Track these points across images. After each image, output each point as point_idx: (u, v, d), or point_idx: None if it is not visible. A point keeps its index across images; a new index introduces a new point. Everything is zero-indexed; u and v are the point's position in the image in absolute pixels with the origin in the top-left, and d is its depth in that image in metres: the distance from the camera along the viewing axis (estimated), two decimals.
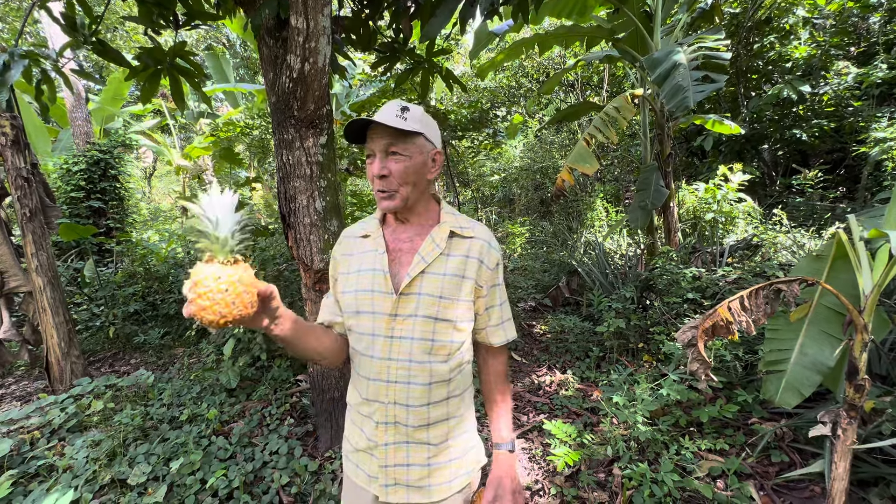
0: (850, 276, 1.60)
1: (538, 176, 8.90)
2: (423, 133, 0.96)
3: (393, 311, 0.96)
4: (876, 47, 5.79)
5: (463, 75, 9.33)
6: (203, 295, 0.68)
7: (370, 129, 0.97)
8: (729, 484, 1.94)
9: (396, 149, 0.94)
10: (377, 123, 0.93)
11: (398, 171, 0.95)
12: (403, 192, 0.97)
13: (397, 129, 0.92)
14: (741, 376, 2.58)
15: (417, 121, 0.95)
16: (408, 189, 0.97)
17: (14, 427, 2.54)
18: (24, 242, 3.09)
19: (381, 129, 0.94)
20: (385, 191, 0.96)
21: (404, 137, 0.94)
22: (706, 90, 3.08)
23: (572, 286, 4.57)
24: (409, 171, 0.96)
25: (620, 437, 2.24)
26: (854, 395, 1.43)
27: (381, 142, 0.95)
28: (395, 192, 0.96)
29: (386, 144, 0.94)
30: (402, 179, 0.95)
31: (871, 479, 1.85)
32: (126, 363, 3.97)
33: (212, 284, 0.68)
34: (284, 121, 2.01)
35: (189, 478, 2.05)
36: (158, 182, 14.39)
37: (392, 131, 0.93)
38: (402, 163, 0.95)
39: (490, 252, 1.02)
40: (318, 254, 2.09)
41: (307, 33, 1.75)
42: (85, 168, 6.42)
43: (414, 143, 0.96)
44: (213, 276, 0.69)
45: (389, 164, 0.95)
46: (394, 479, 0.99)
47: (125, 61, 2.58)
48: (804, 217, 5.55)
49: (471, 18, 2.37)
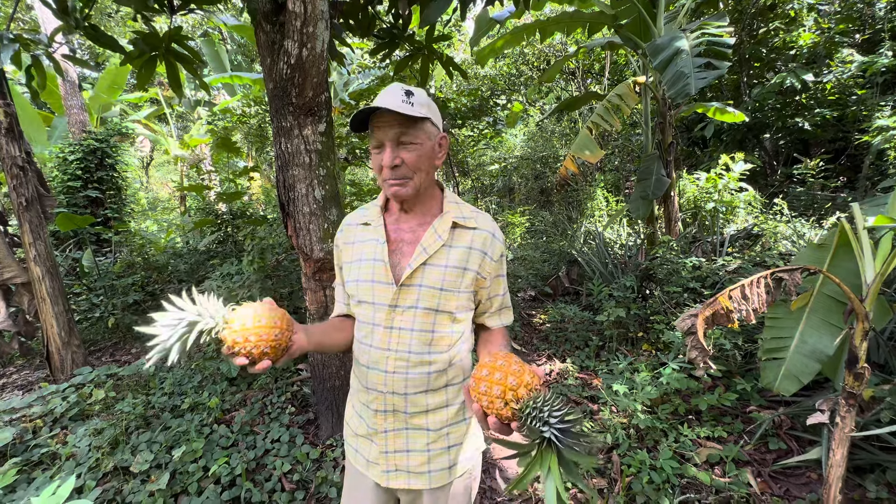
0: (851, 264, 1.60)
1: (538, 165, 8.84)
2: (430, 118, 0.93)
3: (393, 303, 0.95)
4: (881, 34, 5.71)
5: (463, 62, 9.21)
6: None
7: (375, 117, 0.93)
8: (727, 471, 1.97)
9: (407, 137, 0.91)
10: (383, 111, 0.89)
11: (411, 160, 0.92)
12: (416, 180, 0.95)
13: (406, 116, 0.89)
14: (740, 365, 2.59)
15: (424, 105, 0.92)
16: (420, 176, 0.95)
17: (16, 416, 2.55)
18: (21, 232, 3.07)
19: (388, 117, 0.90)
20: (397, 179, 0.93)
21: (413, 124, 0.91)
22: (708, 77, 3.04)
23: (572, 276, 4.58)
24: (422, 159, 0.93)
25: (620, 425, 2.26)
26: (853, 384, 1.43)
27: (391, 131, 0.91)
28: (408, 179, 0.94)
29: (396, 133, 0.91)
30: (414, 167, 0.93)
31: (867, 466, 1.87)
32: (127, 353, 3.98)
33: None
34: (282, 108, 1.97)
35: (192, 465, 2.06)
36: (156, 171, 14.28)
37: (401, 119, 0.90)
38: (415, 151, 0.92)
39: (494, 243, 1.00)
40: (317, 243, 2.08)
41: (305, 17, 1.71)
42: (81, 157, 6.36)
43: (423, 129, 0.93)
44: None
45: (401, 154, 0.92)
46: (394, 465, 1.00)
47: (119, 47, 2.54)
48: (805, 207, 5.54)
49: (471, 3, 2.32)
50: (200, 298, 0.77)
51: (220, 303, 0.79)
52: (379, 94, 0.93)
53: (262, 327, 0.77)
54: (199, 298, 0.77)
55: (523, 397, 0.68)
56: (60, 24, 2.38)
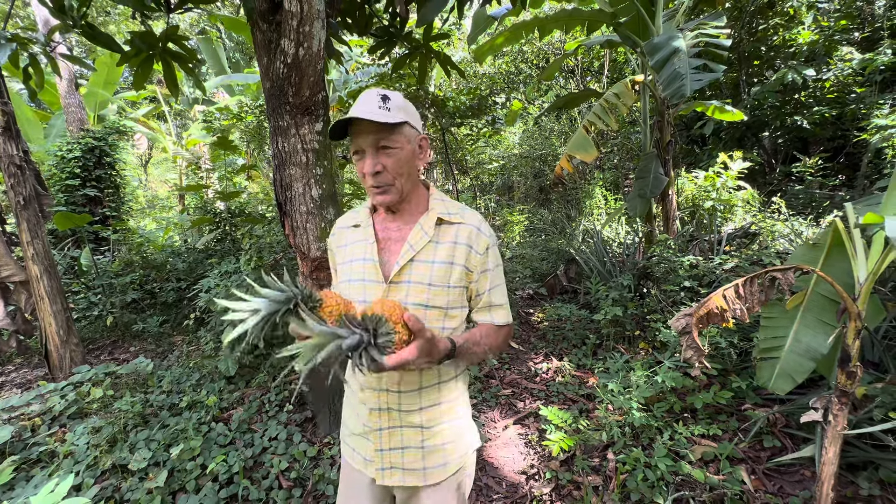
0: (845, 264, 1.60)
1: (537, 163, 8.83)
2: (408, 121, 0.94)
3: None
4: (881, 32, 5.71)
5: (462, 61, 9.19)
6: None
7: (353, 124, 0.93)
8: (721, 468, 1.98)
9: (386, 142, 0.92)
10: (360, 119, 0.90)
11: (392, 165, 0.93)
12: (398, 185, 0.96)
13: (383, 122, 0.89)
14: (735, 363, 2.60)
15: (400, 109, 0.93)
16: (402, 181, 0.96)
17: (15, 414, 2.56)
18: (20, 231, 3.07)
19: (366, 125, 0.91)
20: (380, 186, 0.95)
21: (391, 129, 0.92)
22: (704, 80, 3.04)
23: (570, 274, 4.59)
24: (402, 163, 0.95)
25: (615, 423, 2.27)
26: (846, 382, 1.44)
27: (369, 137, 0.92)
28: (390, 185, 0.95)
29: (374, 140, 0.92)
30: (396, 172, 0.94)
31: (860, 464, 1.89)
32: (125, 351, 3.99)
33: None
34: (279, 107, 1.98)
35: (189, 463, 2.07)
36: (154, 169, 14.26)
37: (378, 125, 0.90)
38: (394, 156, 0.93)
39: (479, 237, 1.00)
40: (314, 242, 2.09)
41: (301, 17, 1.71)
42: (79, 155, 6.34)
43: (401, 133, 0.94)
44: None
45: (382, 159, 0.93)
46: (389, 462, 1.01)
47: (116, 46, 2.53)
48: (803, 205, 5.54)
49: (469, 1, 2.32)
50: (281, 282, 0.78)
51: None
52: (356, 101, 0.93)
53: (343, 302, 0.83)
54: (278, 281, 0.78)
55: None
56: (58, 23, 2.38)
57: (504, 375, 3.18)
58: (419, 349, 0.78)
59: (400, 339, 0.77)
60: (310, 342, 0.67)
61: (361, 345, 0.69)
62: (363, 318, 0.73)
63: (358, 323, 0.72)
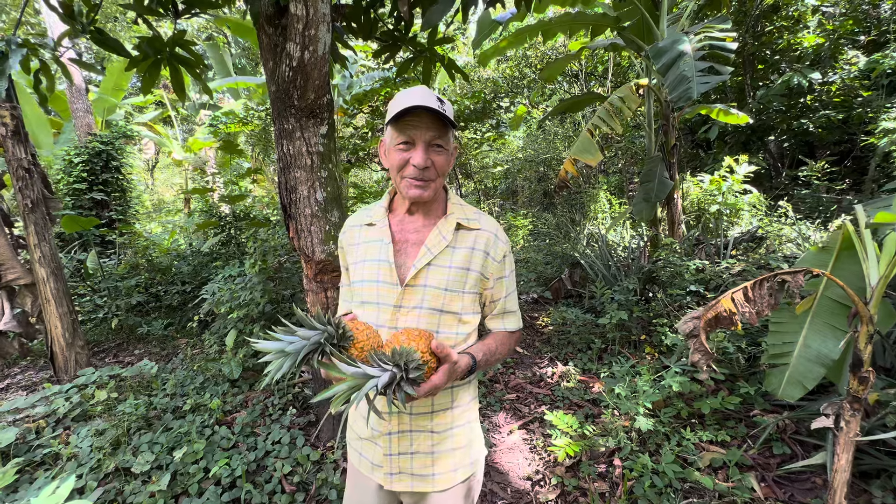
0: (856, 267, 1.58)
1: (542, 167, 8.83)
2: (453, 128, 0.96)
3: (398, 303, 0.96)
4: (887, 35, 5.68)
5: (466, 65, 9.22)
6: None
7: (410, 114, 0.90)
8: (730, 475, 1.94)
9: (440, 141, 0.93)
10: (420, 111, 0.88)
11: (439, 164, 0.94)
12: (437, 184, 0.97)
13: (443, 120, 0.90)
14: (744, 368, 2.57)
15: (451, 113, 0.93)
16: (440, 181, 0.98)
17: (20, 416, 2.57)
18: (27, 234, 3.10)
19: (426, 118, 0.90)
20: (423, 180, 0.94)
21: (445, 129, 0.93)
22: (711, 82, 3.03)
23: (575, 278, 4.56)
24: (445, 164, 0.96)
25: (622, 429, 2.24)
26: (858, 388, 1.42)
27: (428, 133, 0.91)
28: (431, 181, 0.95)
29: (431, 136, 0.92)
30: (441, 171, 0.96)
31: (872, 471, 1.85)
32: (130, 354, 4.00)
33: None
34: (284, 110, 1.98)
35: (192, 466, 2.06)
36: (161, 174, 14.39)
37: (438, 122, 0.91)
38: (443, 155, 0.95)
39: (497, 244, 1.00)
40: (319, 245, 2.08)
41: (307, 20, 1.72)
42: (87, 159, 6.42)
43: (451, 135, 0.96)
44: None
45: (432, 156, 0.93)
46: (398, 467, 0.99)
47: (125, 51, 2.55)
48: (810, 209, 5.50)
49: (473, 6, 2.33)
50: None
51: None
52: (413, 91, 0.91)
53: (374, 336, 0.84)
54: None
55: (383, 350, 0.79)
56: (67, 29, 2.41)
57: (509, 380, 3.15)
58: (447, 374, 0.81)
59: (429, 367, 0.79)
60: (344, 385, 0.69)
61: (394, 382, 0.70)
62: (393, 354, 0.74)
63: (388, 359, 0.73)
